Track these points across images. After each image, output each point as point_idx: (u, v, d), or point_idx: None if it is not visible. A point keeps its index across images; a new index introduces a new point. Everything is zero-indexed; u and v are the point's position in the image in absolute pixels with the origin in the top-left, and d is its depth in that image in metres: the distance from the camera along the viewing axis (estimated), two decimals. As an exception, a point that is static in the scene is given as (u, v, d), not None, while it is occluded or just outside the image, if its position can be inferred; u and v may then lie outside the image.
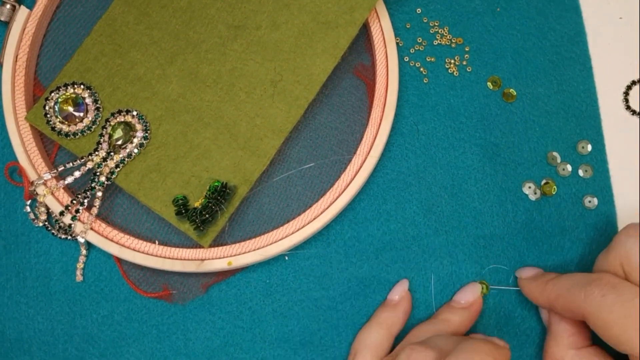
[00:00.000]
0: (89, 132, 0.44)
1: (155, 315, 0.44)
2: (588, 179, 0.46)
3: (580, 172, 0.46)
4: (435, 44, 0.48)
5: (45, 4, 0.45)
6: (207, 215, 0.41)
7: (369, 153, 0.44)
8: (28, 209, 0.44)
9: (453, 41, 0.48)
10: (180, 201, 0.42)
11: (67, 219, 0.43)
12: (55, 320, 0.44)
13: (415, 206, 0.45)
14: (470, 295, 0.43)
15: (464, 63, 0.47)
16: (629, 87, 0.47)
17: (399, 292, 0.44)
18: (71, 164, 0.43)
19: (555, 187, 0.46)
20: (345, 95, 0.46)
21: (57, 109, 0.43)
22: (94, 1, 0.47)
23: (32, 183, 0.43)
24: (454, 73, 0.47)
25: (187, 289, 0.44)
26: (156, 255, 0.43)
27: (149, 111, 0.44)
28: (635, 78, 0.48)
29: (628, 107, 0.47)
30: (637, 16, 0.49)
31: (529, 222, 0.45)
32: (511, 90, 0.47)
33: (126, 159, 0.43)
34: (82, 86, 0.44)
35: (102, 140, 0.43)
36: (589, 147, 0.46)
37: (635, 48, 0.48)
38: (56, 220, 0.44)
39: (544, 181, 0.46)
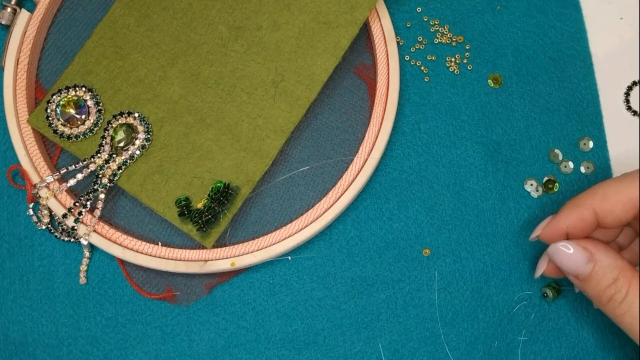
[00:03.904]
0: (91, 134, 0.44)
1: (159, 316, 0.44)
2: (590, 176, 0.46)
3: (582, 169, 0.46)
4: (435, 42, 0.48)
5: (46, 7, 0.46)
6: (209, 216, 0.42)
7: (370, 152, 0.44)
8: (31, 211, 0.44)
9: (453, 39, 0.48)
10: (183, 202, 0.42)
11: (70, 222, 0.43)
12: (59, 323, 0.44)
13: (418, 205, 0.46)
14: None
15: (465, 61, 0.47)
16: (629, 88, 0.47)
17: None
18: (73, 167, 0.43)
19: (557, 184, 0.46)
20: (346, 94, 0.46)
21: (59, 112, 0.44)
22: (95, 4, 0.47)
23: (34, 186, 0.43)
24: (455, 71, 0.47)
25: (190, 290, 0.44)
26: (159, 257, 0.43)
27: (151, 113, 0.44)
28: (636, 79, 0.48)
29: (629, 108, 0.47)
30: (637, 16, 0.49)
31: (531, 219, 0.45)
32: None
33: (128, 161, 0.43)
34: (83, 89, 0.44)
35: (104, 142, 0.43)
36: (591, 144, 0.46)
37: (635, 48, 0.48)
38: (59, 223, 0.44)
39: (546, 178, 0.46)
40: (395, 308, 0.44)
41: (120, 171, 0.43)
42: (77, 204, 0.43)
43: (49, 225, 0.44)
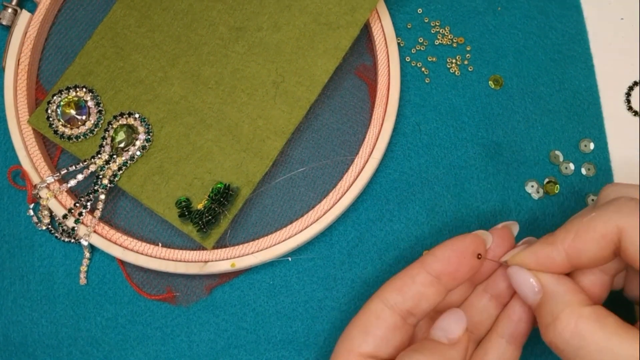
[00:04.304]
0: (91, 135, 0.44)
1: (159, 317, 0.44)
2: (591, 178, 0.46)
3: (583, 171, 0.46)
4: (436, 43, 0.48)
5: (46, 7, 0.46)
6: (210, 217, 0.42)
7: (371, 153, 0.44)
8: (31, 212, 0.44)
9: (454, 41, 0.48)
10: (183, 203, 0.42)
11: (70, 222, 0.43)
12: (59, 324, 0.44)
13: (418, 206, 0.45)
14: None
15: (466, 62, 0.47)
16: (630, 89, 0.47)
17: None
18: (74, 167, 0.43)
19: (558, 186, 0.46)
20: (347, 96, 0.46)
21: (59, 112, 0.44)
22: (96, 4, 0.47)
23: (35, 186, 0.43)
24: (456, 73, 0.47)
25: (190, 291, 0.44)
26: (159, 258, 0.43)
27: (151, 114, 0.44)
28: (637, 79, 0.48)
29: (630, 108, 0.47)
30: (638, 17, 0.49)
31: (532, 221, 0.45)
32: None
33: (129, 162, 0.43)
34: (84, 89, 0.44)
35: (104, 143, 0.43)
36: (592, 146, 0.46)
37: (636, 48, 0.48)
38: (59, 224, 0.44)
39: (546, 180, 0.46)
40: (395, 309, 0.44)
41: (121, 172, 0.43)
42: (77, 204, 0.43)
43: (49, 226, 0.44)
